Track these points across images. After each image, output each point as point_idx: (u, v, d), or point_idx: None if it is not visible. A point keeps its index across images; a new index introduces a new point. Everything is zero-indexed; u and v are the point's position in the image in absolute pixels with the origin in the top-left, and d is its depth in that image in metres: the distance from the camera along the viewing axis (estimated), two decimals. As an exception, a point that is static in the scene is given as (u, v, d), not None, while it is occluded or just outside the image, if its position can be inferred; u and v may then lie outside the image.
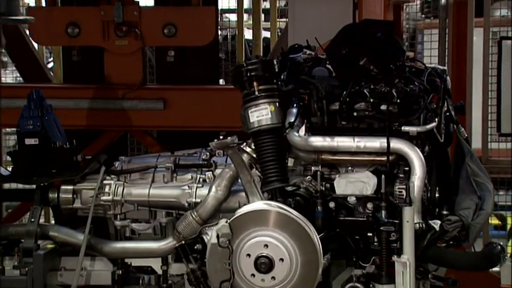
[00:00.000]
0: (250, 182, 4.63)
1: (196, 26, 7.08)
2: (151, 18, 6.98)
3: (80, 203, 5.13)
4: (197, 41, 7.17)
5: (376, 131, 4.56)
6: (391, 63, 4.63)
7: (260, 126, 4.57)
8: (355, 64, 4.56)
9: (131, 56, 6.98)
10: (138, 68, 7.04)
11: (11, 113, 5.94)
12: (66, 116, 6.32)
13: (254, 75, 4.55)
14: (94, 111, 6.99)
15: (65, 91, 7.28)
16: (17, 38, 8.00)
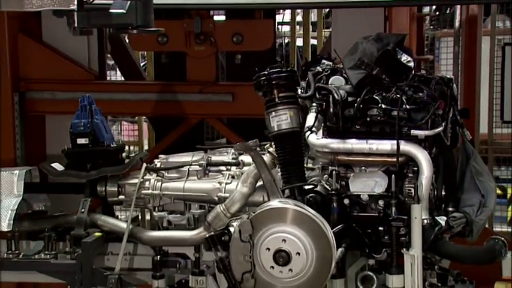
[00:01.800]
0: (270, 182, 4.28)
1: (258, 35, 7.13)
2: (223, 29, 7.07)
3: (123, 196, 4.84)
4: (259, 47, 7.15)
5: (387, 135, 4.19)
6: (402, 72, 4.27)
7: (280, 130, 4.23)
8: (368, 73, 4.21)
9: (207, 59, 7.06)
10: (212, 69, 7.12)
11: (115, 104, 6.99)
12: (156, 106, 7.07)
13: (275, 84, 4.22)
14: (178, 102, 7.09)
15: (156, 87, 7.32)
16: (118, 45, 8.10)
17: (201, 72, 7.05)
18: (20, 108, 6.96)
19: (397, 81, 4.20)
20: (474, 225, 4.25)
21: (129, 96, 7.15)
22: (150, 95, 7.12)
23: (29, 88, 7.03)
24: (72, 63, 7.12)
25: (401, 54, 4.26)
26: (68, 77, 7.05)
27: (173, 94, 7.12)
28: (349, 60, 4.30)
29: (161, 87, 7.25)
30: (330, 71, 4.41)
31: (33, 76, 7.03)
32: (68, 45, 7.10)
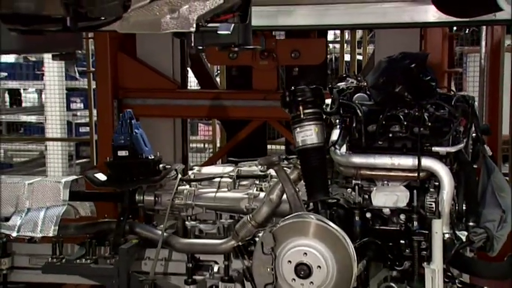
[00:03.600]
0: (293, 195, 3.68)
1: (312, 51, 7.15)
2: (283, 46, 7.10)
3: (159, 205, 4.26)
4: (313, 61, 7.23)
5: (409, 150, 3.59)
6: (424, 90, 3.64)
7: (304, 145, 3.65)
8: (391, 91, 3.62)
9: (270, 72, 7.04)
10: (274, 79, 7.05)
11: (193, 109, 7.27)
12: (227, 111, 7.17)
13: (300, 100, 3.65)
14: (245, 107, 7.15)
15: (227, 94, 7.46)
16: (197, 60, 8.12)
17: (264, 82, 7.04)
18: (118, 112, 7.04)
19: (419, 99, 3.60)
20: (495, 240, 3.61)
21: (205, 103, 7.26)
22: (222, 102, 7.21)
23: (126, 96, 7.25)
24: (160, 75, 7.33)
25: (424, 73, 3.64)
26: (156, 86, 7.26)
27: (241, 101, 7.16)
28: (373, 78, 3.74)
29: (231, 95, 7.38)
30: (354, 88, 3.85)
31: (128, 86, 7.26)
32: (157, 60, 7.34)
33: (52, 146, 10.89)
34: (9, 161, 12.27)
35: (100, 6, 2.31)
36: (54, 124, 11.16)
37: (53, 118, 11.23)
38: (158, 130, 7.41)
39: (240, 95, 7.27)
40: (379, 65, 3.75)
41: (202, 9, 2.64)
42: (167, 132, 7.62)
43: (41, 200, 4.22)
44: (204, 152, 10.90)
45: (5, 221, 4.22)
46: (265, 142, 8.75)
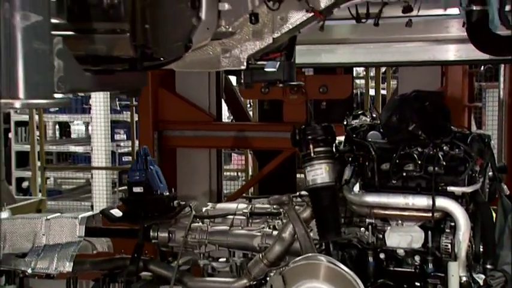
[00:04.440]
0: (304, 236, 3.29)
1: (339, 86, 7.10)
2: (312, 82, 7.05)
3: (173, 242, 3.86)
4: (340, 96, 7.14)
5: (423, 190, 3.19)
6: (438, 129, 3.27)
7: (315, 184, 3.28)
8: (405, 129, 3.25)
9: (299, 105, 6.82)
10: (303, 113, 6.56)
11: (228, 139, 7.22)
12: (259, 141, 7.13)
13: (310, 139, 3.30)
14: (276, 138, 7.00)
15: (259, 126, 7.45)
16: (231, 94, 8.03)
17: (294, 115, 6.81)
18: (158, 143, 7.16)
19: (433, 138, 3.22)
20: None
21: (238, 134, 7.19)
22: (255, 133, 7.18)
23: (165, 128, 7.23)
24: (197, 108, 7.31)
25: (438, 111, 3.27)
26: (193, 119, 7.24)
27: (272, 132, 7.04)
28: (386, 116, 3.35)
29: (263, 127, 7.33)
30: (367, 126, 3.49)
31: (168, 118, 7.23)
32: (194, 94, 7.34)
33: (97, 174, 10.80)
34: (59, 188, 12.19)
35: (165, 47, 2.34)
36: (100, 154, 11.10)
37: (98, 148, 11.18)
38: (195, 159, 7.49)
39: (271, 127, 7.15)
40: (392, 103, 3.38)
41: (252, 48, 2.64)
42: (203, 162, 7.57)
43: (57, 236, 3.89)
44: (236, 180, 10.66)
45: (22, 256, 3.89)
46: (295, 171, 8.45)
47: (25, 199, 9.15)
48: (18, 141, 11.83)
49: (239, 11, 2.55)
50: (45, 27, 1.93)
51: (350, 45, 5.89)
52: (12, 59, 1.90)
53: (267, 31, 2.65)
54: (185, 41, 2.39)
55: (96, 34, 2.18)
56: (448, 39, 5.63)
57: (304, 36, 3.07)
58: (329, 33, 5.60)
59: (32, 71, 1.92)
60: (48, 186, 10.99)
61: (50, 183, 11.84)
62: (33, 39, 1.90)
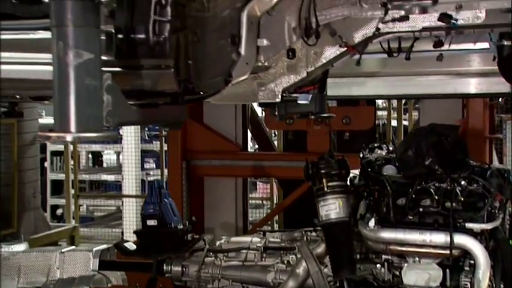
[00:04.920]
0: (317, 273, 3.07)
1: (361, 118, 6.99)
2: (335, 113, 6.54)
3: (187, 276, 3.66)
4: (362, 127, 7.01)
5: (441, 226, 2.96)
6: (455, 163, 3.04)
7: (328, 219, 3.08)
8: (421, 164, 3.02)
9: (323, 136, 6.86)
10: (326, 143, 6.84)
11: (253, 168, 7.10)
12: (285, 171, 6.88)
13: (323, 173, 3.11)
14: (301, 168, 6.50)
15: (284, 156, 7.37)
16: (257, 125, 7.93)
17: (318, 145, 6.74)
18: (187, 172, 7.10)
19: (451, 172, 2.99)
20: (536, 324, 2.89)
21: (264, 163, 7.13)
22: (280, 162, 7.09)
23: (193, 157, 7.16)
24: (224, 139, 7.24)
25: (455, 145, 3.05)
26: (220, 148, 7.17)
27: (296, 162, 6.67)
28: (402, 150, 3.13)
29: (288, 156, 7.20)
30: (383, 160, 3.27)
31: (196, 148, 7.17)
32: (221, 125, 7.28)
33: (128, 202, 10.71)
34: (91, 215, 12.11)
35: (206, 82, 2.36)
36: (130, 182, 11.05)
37: (129, 177, 11.12)
38: (221, 188, 7.42)
39: (295, 156, 6.90)
40: (408, 137, 3.17)
41: (287, 82, 2.64)
42: (229, 190, 7.49)
43: (71, 269, 3.71)
44: (262, 208, 10.48)
45: (36, 291, 3.72)
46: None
47: (59, 226, 9.08)
48: (53, 170, 11.82)
49: (277, 47, 2.52)
50: (96, 64, 1.96)
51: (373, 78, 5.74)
52: (64, 94, 1.93)
53: (301, 65, 2.62)
54: (225, 76, 2.37)
55: (142, 70, 2.20)
56: (470, 73, 5.50)
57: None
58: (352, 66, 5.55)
59: (83, 105, 1.94)
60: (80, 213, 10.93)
61: (83, 210, 11.78)
62: (85, 75, 1.94)
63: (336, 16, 2.44)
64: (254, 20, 2.42)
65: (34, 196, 8.07)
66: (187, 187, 7.10)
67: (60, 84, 1.94)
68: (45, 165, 11.54)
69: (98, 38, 1.97)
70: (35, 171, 8.25)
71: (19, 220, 7.56)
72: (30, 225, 7.82)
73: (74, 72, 1.92)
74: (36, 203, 8.17)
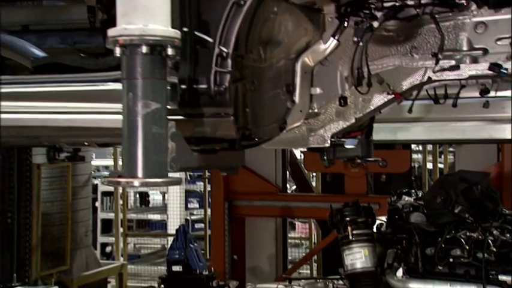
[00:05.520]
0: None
1: (398, 161, 6.86)
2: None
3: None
4: (398, 170, 6.95)
5: (472, 278, 2.87)
6: (487, 212, 2.98)
7: (354, 269, 3.05)
8: (450, 212, 2.96)
9: (360, 178, 6.81)
10: (363, 185, 6.84)
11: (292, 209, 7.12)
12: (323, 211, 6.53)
13: (349, 220, 3.10)
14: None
15: (322, 197, 7.24)
16: (295, 167, 7.99)
17: (355, 187, 6.77)
18: (229, 212, 7.13)
19: (481, 221, 2.93)
20: None
21: (302, 204, 7.12)
22: (318, 204, 7.00)
23: (235, 198, 7.18)
24: (264, 180, 7.24)
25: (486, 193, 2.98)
26: (260, 190, 7.17)
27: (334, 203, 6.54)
28: (431, 197, 3.08)
29: (326, 198, 7.03)
30: (411, 207, 3.20)
31: (237, 189, 7.18)
32: (262, 167, 7.26)
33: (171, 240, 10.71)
34: (137, 253, 12.19)
35: (262, 129, 2.40)
36: (175, 221, 11.17)
37: (173, 216, 11.30)
38: (262, 227, 7.44)
39: (333, 198, 6.83)
40: (437, 184, 3.12)
41: (336, 127, 2.64)
42: (269, 229, 7.51)
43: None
44: (300, 247, 10.42)
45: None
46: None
47: (108, 263, 9.15)
48: (103, 210, 11.93)
49: (330, 95, 2.57)
50: (163, 114, 2.00)
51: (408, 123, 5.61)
52: (133, 142, 1.97)
53: (350, 111, 2.62)
54: (280, 123, 2.44)
55: (203, 118, 2.24)
56: (505, 119, 5.28)
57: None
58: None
59: (150, 152, 1.97)
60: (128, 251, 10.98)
61: (130, 248, 11.85)
62: (152, 124, 1.98)
63: (387, 66, 2.45)
64: (308, 69, 2.47)
65: (86, 235, 8.16)
66: (229, 227, 7.14)
67: (129, 133, 1.98)
68: (96, 204, 11.67)
69: (164, 89, 2.02)
70: (87, 211, 8.37)
71: (72, 258, 7.63)
72: (82, 263, 7.89)
73: (142, 121, 1.97)
74: (88, 242, 8.26)
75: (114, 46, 1.97)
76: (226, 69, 2.17)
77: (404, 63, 2.43)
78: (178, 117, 2.20)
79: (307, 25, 2.45)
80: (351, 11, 2.36)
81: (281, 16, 2.36)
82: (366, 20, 2.33)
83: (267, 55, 2.37)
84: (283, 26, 2.40)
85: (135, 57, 1.96)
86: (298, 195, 8.17)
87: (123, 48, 1.96)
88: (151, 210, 12.55)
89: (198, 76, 2.19)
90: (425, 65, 2.40)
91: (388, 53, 2.45)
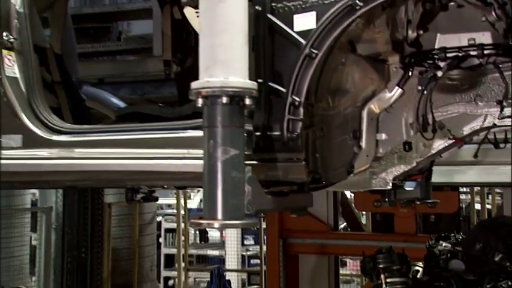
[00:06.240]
0: None
1: (446, 201, 6.30)
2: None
3: None
4: (447, 210, 6.60)
5: None
6: None
7: None
8: (490, 260, 2.78)
9: (409, 218, 6.47)
10: (412, 225, 6.56)
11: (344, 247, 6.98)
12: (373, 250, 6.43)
13: (382, 268, 2.98)
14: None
15: (372, 236, 7.07)
16: (346, 206, 7.71)
17: (405, 226, 6.56)
18: (283, 249, 7.06)
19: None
20: None
21: (353, 243, 6.90)
22: (368, 242, 6.66)
23: (288, 236, 7.11)
24: (316, 219, 7.06)
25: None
26: (313, 228, 7.04)
27: (384, 242, 6.73)
28: (470, 243, 2.91)
29: (376, 236, 6.92)
30: (448, 253, 3.02)
31: (291, 228, 7.10)
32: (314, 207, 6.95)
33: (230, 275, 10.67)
34: (197, 286, 12.11)
35: (331, 173, 2.39)
36: (232, 257, 11.16)
37: (230, 252, 11.22)
38: (315, 264, 7.24)
39: (383, 237, 6.70)
40: (476, 229, 2.95)
41: (397, 171, 2.61)
42: (322, 266, 7.28)
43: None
44: (352, 283, 10.23)
45: None
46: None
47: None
48: (166, 245, 11.99)
49: (395, 140, 2.54)
50: (241, 159, 2.02)
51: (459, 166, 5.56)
52: (213, 186, 1.98)
53: (411, 155, 2.58)
54: (348, 167, 2.42)
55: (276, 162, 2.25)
56: None
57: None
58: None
59: (229, 196, 1.99)
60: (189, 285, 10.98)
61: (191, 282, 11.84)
62: (231, 169, 1.99)
63: (452, 113, 2.42)
64: (373, 116, 2.45)
65: (151, 269, 8.21)
66: (283, 263, 7.05)
67: (210, 177, 2.00)
68: (160, 240, 11.75)
69: (242, 136, 2.04)
70: (152, 246, 8.43)
71: (138, 291, 7.69)
72: (147, 296, 7.92)
73: (221, 167, 1.98)
74: (153, 276, 8.30)
75: (197, 97, 2.00)
76: (299, 117, 2.18)
77: (468, 110, 2.39)
78: (254, 162, 2.21)
79: (373, 75, 2.44)
80: (414, 61, 2.34)
81: (348, 67, 2.37)
82: (429, 70, 2.29)
83: (335, 103, 2.37)
84: (351, 76, 2.40)
85: (215, 107, 1.99)
86: (349, 233, 7.95)
87: (205, 99, 1.99)
88: (210, 246, 12.55)
89: (271, 123, 2.21)
90: (489, 112, 2.36)
91: (452, 101, 2.41)
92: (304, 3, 2.17)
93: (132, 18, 8.20)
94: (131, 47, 7.74)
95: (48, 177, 2.61)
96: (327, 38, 2.12)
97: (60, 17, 3.18)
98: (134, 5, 8.41)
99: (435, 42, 2.34)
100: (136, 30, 8.68)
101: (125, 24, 8.79)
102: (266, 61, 2.21)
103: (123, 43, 7.87)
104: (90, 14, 7.68)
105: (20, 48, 2.62)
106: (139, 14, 7.83)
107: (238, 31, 2.01)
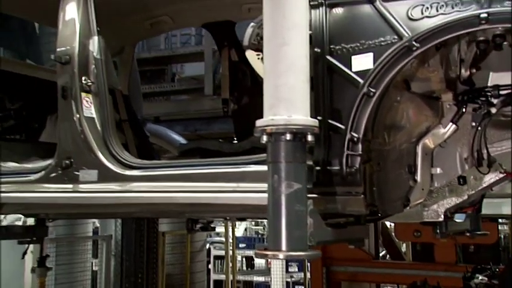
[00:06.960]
0: None
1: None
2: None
3: None
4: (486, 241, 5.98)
5: None
6: None
7: None
8: None
9: (449, 248, 6.11)
10: (453, 255, 6.18)
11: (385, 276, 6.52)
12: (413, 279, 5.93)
13: None
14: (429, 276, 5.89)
15: (413, 265, 6.70)
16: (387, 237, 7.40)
17: (444, 256, 6.16)
18: (327, 276, 6.86)
19: None
20: None
21: (394, 271, 6.60)
22: (408, 271, 6.45)
23: (331, 264, 6.87)
24: (358, 248, 6.71)
25: None
26: (355, 257, 6.77)
27: (424, 271, 6.31)
28: (507, 277, 2.89)
29: (416, 265, 6.63)
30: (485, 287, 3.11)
31: (334, 256, 6.85)
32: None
33: (277, 300, 10.58)
34: (245, 313, 12.04)
35: (388, 206, 2.35)
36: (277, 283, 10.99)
37: (275, 278, 11.04)
38: None
39: (423, 266, 6.47)
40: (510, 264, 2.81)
41: (449, 203, 2.55)
42: None
43: None
44: None
45: None
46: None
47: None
48: (215, 272, 11.94)
49: (449, 175, 2.47)
50: (303, 193, 1.99)
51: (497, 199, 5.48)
52: (278, 218, 1.96)
53: (463, 189, 2.51)
54: (403, 200, 2.37)
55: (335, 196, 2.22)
56: None
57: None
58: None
59: (293, 228, 1.96)
60: (236, 310, 10.88)
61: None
62: (295, 202, 1.97)
63: (507, 148, 2.35)
64: (428, 151, 2.39)
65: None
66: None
67: (274, 210, 1.97)
68: (209, 267, 11.70)
69: (304, 171, 2.01)
70: (203, 273, 8.37)
71: (189, 315, 7.63)
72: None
73: (285, 200, 1.95)
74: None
75: (262, 134, 1.99)
76: (357, 153, 2.15)
77: (520, 145, 2.33)
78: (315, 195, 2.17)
79: (427, 111, 2.40)
80: (468, 99, 2.27)
81: (403, 104, 2.34)
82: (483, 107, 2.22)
83: (391, 139, 2.33)
84: (405, 113, 2.37)
85: (279, 144, 1.97)
86: (390, 262, 7.70)
87: (269, 136, 1.98)
88: (256, 273, 12.43)
89: (331, 158, 2.18)
90: None
91: (506, 136, 2.35)
92: (361, 44, 2.15)
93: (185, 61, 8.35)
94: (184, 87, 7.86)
95: (121, 208, 2.63)
96: (384, 78, 2.09)
97: (128, 61, 3.23)
98: (187, 49, 8.58)
99: (488, 79, 2.28)
100: (188, 72, 8.82)
101: (178, 66, 8.95)
102: (325, 99, 2.19)
103: (177, 84, 8.00)
104: (147, 58, 7.86)
105: (96, 91, 2.68)
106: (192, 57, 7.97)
107: (300, 72, 2.00)
